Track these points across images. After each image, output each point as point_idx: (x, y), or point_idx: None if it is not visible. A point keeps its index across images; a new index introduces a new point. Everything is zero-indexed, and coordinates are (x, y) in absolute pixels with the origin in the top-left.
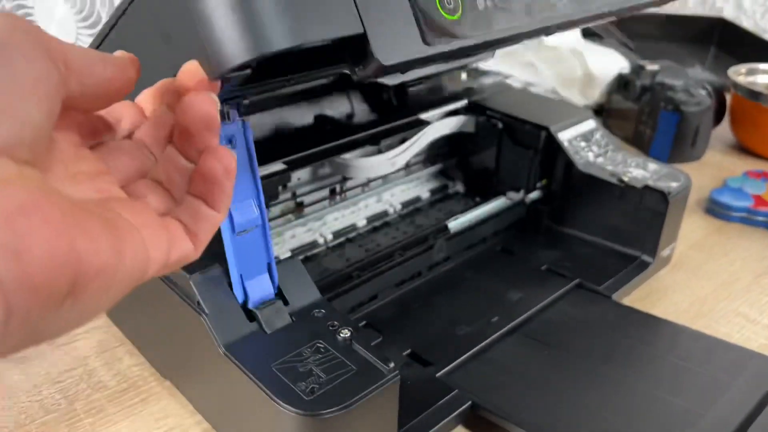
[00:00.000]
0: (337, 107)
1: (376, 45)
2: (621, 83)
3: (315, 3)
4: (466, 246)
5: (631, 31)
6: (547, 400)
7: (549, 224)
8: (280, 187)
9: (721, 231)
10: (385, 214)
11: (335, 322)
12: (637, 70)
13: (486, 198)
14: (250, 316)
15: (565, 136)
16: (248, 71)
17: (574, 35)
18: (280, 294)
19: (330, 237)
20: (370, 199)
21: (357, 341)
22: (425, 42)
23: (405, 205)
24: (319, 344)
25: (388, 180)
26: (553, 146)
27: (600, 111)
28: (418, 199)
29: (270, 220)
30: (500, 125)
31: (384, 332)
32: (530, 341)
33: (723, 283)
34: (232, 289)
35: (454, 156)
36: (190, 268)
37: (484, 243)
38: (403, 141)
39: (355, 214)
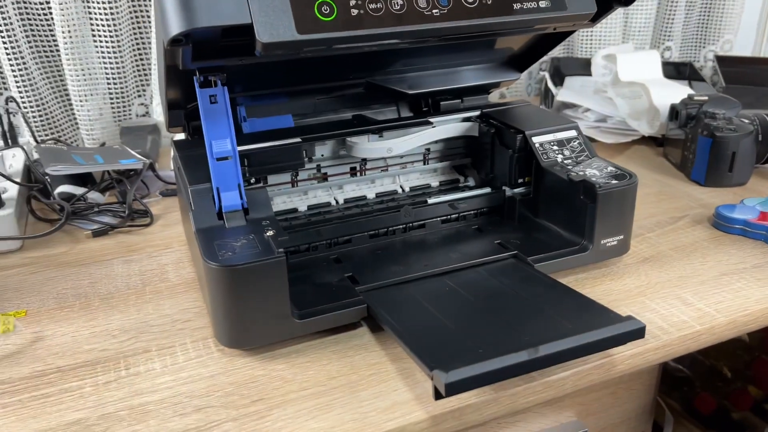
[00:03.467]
0: (386, 114)
1: (258, 30)
2: (672, 113)
3: (221, 3)
4: (438, 216)
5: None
6: (428, 319)
7: (526, 214)
8: (306, 158)
9: (716, 240)
10: (394, 192)
11: (270, 228)
12: (687, 101)
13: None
14: (221, 216)
15: (538, 140)
16: (189, 45)
17: (656, 71)
18: (246, 209)
19: (342, 201)
20: (386, 179)
21: (273, 239)
22: (299, 32)
23: (414, 189)
24: (250, 236)
25: (405, 167)
26: (529, 148)
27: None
28: (428, 186)
29: (299, 181)
30: (492, 130)
31: (344, 263)
32: (444, 283)
33: (682, 277)
34: (214, 198)
35: (468, 155)
36: (191, 182)
37: (463, 221)
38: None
39: (370, 189)
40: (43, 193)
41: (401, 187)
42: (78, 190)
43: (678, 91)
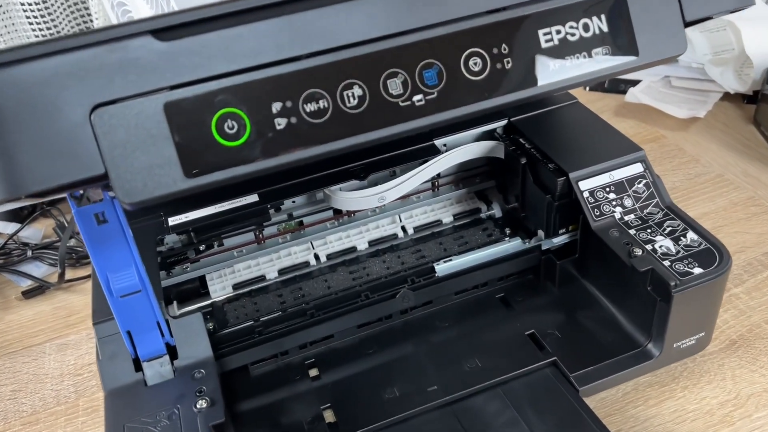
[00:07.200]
0: None
1: (117, 185)
2: None
3: (58, 150)
4: (452, 292)
5: None
6: None
7: (573, 274)
8: (271, 210)
9: None
10: (393, 237)
11: (203, 388)
12: None
13: (517, 230)
14: (140, 366)
15: (587, 185)
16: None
17: None
18: (173, 348)
19: (324, 259)
20: (383, 220)
21: (204, 417)
22: (188, 173)
23: (419, 229)
24: (175, 410)
25: (408, 200)
26: (574, 195)
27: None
28: (438, 222)
29: (266, 239)
30: (524, 160)
31: (323, 376)
32: (452, 423)
33: None
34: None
35: (492, 177)
36: (97, 317)
37: (484, 287)
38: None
39: (362, 235)
40: None
41: (403, 228)
42: (7, 228)
43: None
